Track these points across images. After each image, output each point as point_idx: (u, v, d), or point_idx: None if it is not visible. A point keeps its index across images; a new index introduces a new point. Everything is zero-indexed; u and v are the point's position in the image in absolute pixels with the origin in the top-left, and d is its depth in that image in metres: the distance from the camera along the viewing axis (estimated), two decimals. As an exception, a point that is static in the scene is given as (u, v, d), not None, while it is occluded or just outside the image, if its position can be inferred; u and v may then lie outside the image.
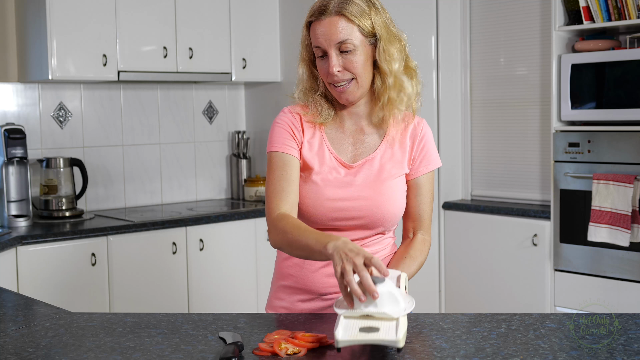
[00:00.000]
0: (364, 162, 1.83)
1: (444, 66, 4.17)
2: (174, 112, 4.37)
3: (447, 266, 4.21)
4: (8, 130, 3.51)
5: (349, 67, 1.75)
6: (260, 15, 4.30)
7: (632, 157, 3.40)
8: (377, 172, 1.82)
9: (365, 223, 1.81)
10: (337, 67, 1.74)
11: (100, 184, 4.10)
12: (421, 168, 1.87)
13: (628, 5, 3.39)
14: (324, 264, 1.82)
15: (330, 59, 1.74)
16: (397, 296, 1.42)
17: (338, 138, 1.86)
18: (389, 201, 1.81)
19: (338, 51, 1.74)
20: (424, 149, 1.87)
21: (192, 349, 1.46)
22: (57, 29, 3.57)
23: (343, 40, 1.73)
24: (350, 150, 1.85)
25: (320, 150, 1.84)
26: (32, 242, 3.29)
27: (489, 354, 1.40)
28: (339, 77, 1.75)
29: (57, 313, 1.77)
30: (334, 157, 1.83)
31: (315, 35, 1.75)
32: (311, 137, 1.85)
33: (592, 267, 3.56)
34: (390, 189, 1.81)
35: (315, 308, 1.84)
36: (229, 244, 3.90)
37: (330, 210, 1.79)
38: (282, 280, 1.90)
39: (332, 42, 1.73)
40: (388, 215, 1.81)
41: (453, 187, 4.27)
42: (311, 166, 1.82)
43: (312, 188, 1.81)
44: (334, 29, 1.73)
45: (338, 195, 1.80)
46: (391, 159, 1.84)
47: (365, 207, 1.79)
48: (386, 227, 1.84)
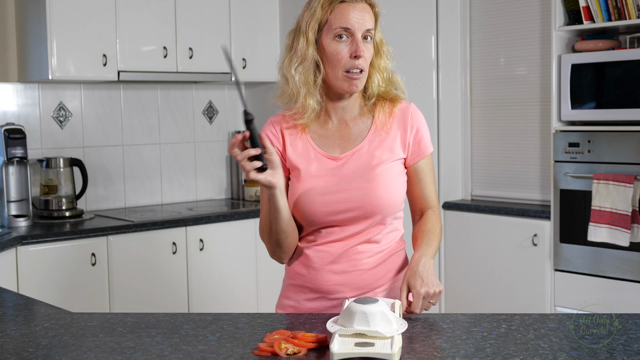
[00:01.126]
0: (352, 153, 1.83)
1: (444, 66, 4.17)
2: (174, 112, 4.37)
3: (447, 266, 4.20)
4: (8, 130, 3.51)
5: (366, 57, 1.78)
6: (260, 15, 4.30)
7: (632, 157, 3.40)
8: (367, 160, 1.81)
9: (362, 213, 1.79)
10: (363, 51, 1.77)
11: (100, 184, 4.10)
12: (419, 153, 1.87)
13: (628, 5, 3.39)
14: (329, 262, 1.82)
15: (358, 43, 1.75)
16: (390, 317, 1.45)
17: (323, 135, 1.85)
18: (382, 187, 1.79)
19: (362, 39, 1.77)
20: (418, 134, 1.87)
21: (192, 349, 1.46)
22: (57, 29, 3.57)
23: (369, 29, 1.78)
24: (337, 145, 1.85)
25: (305, 150, 1.84)
26: (32, 242, 3.29)
27: (489, 354, 1.40)
28: (361, 63, 1.77)
29: (57, 313, 1.77)
30: (319, 153, 1.83)
31: (347, 17, 1.76)
32: (294, 141, 1.85)
33: (592, 267, 3.56)
34: (381, 175, 1.80)
35: (322, 307, 1.84)
36: (229, 244, 3.90)
37: (323, 204, 1.78)
38: (290, 279, 1.91)
39: (362, 27, 1.76)
40: (383, 201, 1.79)
41: (453, 187, 4.27)
42: (297, 166, 1.82)
43: (302, 186, 1.80)
44: (367, 16, 1.77)
45: (329, 188, 1.79)
46: (380, 146, 1.83)
47: (358, 197, 1.78)
48: (383, 214, 1.81)
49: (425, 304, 1.66)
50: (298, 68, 1.80)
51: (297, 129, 1.85)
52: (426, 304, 1.67)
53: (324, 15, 1.77)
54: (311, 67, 1.80)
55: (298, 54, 1.80)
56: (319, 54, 1.79)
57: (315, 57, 1.79)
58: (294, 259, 1.89)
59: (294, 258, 1.89)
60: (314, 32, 1.79)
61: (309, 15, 1.79)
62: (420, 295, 1.65)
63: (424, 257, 1.73)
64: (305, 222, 1.82)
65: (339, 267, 1.81)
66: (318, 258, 1.82)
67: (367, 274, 1.82)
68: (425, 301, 1.66)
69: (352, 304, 1.47)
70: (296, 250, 1.88)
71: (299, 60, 1.80)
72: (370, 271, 1.83)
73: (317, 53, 1.79)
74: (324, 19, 1.77)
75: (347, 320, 1.45)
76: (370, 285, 1.83)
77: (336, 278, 1.82)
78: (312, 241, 1.84)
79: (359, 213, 1.79)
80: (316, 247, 1.83)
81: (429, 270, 1.70)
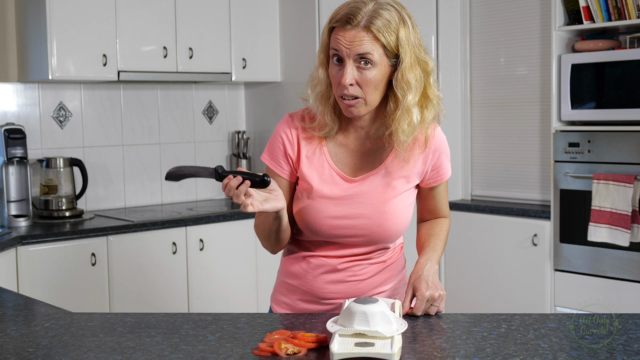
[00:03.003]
0: (367, 176, 1.77)
1: (444, 66, 4.17)
2: (174, 112, 4.37)
3: (447, 266, 4.21)
4: (8, 130, 3.51)
5: (361, 83, 1.65)
6: (260, 15, 4.30)
7: (632, 157, 3.40)
8: (382, 188, 1.76)
9: (367, 240, 1.78)
10: (350, 80, 1.64)
11: (100, 184, 4.10)
12: (437, 179, 1.83)
13: (628, 5, 3.39)
14: (326, 270, 1.81)
15: (345, 69, 1.65)
16: (390, 317, 1.45)
17: (340, 152, 1.79)
18: (391, 220, 1.76)
19: (356, 63, 1.65)
20: (438, 160, 1.81)
21: (192, 349, 1.46)
22: (57, 29, 3.57)
23: (363, 53, 1.63)
24: (353, 164, 1.79)
25: (320, 165, 1.78)
26: (32, 242, 3.29)
27: (489, 354, 1.40)
28: (349, 91, 1.66)
29: (57, 313, 1.77)
30: (335, 171, 1.77)
31: (336, 41, 1.66)
32: (310, 152, 1.79)
33: (592, 267, 3.56)
34: (393, 207, 1.76)
35: (315, 310, 1.84)
36: (229, 244, 3.90)
37: (330, 227, 1.76)
38: (286, 277, 1.89)
39: (352, 53, 1.64)
40: (390, 233, 1.78)
41: (453, 187, 4.27)
42: (310, 182, 1.78)
43: (312, 205, 1.76)
44: (357, 42, 1.63)
45: (338, 212, 1.76)
46: (398, 174, 1.77)
47: (367, 225, 1.76)
48: (387, 243, 1.81)
49: (427, 306, 1.67)
50: (314, 86, 1.77)
51: (315, 139, 1.79)
52: (429, 306, 1.67)
53: (326, 37, 1.73)
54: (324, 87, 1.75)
55: (315, 72, 1.78)
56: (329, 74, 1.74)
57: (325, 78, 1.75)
58: (291, 257, 1.88)
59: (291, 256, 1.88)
60: (324, 53, 1.74)
61: (322, 35, 1.75)
62: (424, 298, 1.65)
63: (429, 262, 1.74)
64: (308, 232, 1.81)
65: (336, 276, 1.81)
66: (317, 266, 1.82)
67: (363, 283, 1.82)
68: (428, 304, 1.66)
69: (352, 304, 1.47)
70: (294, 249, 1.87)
71: (315, 79, 1.77)
72: (367, 280, 1.83)
73: (326, 74, 1.75)
74: (326, 42, 1.73)
75: (347, 320, 1.45)
76: (365, 293, 1.83)
77: (332, 287, 1.81)
78: (312, 249, 1.83)
79: (364, 240, 1.79)
80: (318, 258, 1.82)
81: (434, 275, 1.71)
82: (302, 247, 1.85)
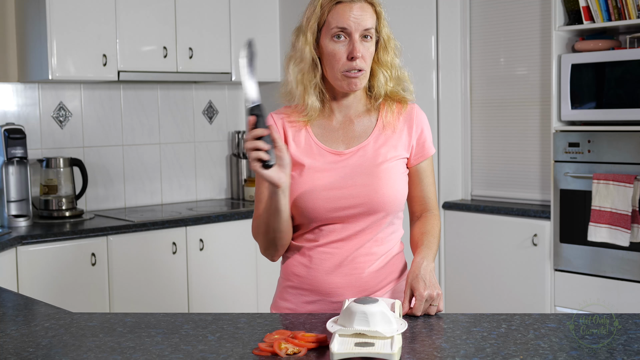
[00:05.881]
0: (356, 149, 1.82)
1: (444, 66, 4.17)
2: (174, 112, 4.37)
3: (447, 266, 4.21)
4: (8, 130, 3.51)
5: (365, 56, 1.76)
6: (260, 15, 4.30)
7: (632, 157, 3.40)
8: (372, 157, 1.81)
9: (365, 210, 1.78)
10: (362, 52, 1.75)
11: (100, 184, 4.10)
12: (422, 154, 1.87)
13: (628, 5, 3.40)
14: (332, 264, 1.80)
15: (355, 44, 1.74)
16: (390, 317, 1.45)
17: (326, 132, 1.84)
18: (387, 184, 1.79)
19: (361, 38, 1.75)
20: (422, 135, 1.87)
21: (192, 349, 1.46)
22: (57, 29, 3.57)
23: (369, 28, 1.75)
24: (341, 141, 1.83)
25: (307, 145, 1.82)
26: (32, 242, 3.29)
27: (489, 354, 1.40)
28: (358, 64, 1.75)
29: (57, 313, 1.77)
30: (323, 148, 1.82)
31: (343, 17, 1.74)
32: (296, 136, 1.83)
33: (592, 267, 3.56)
34: (386, 171, 1.80)
35: (321, 310, 1.82)
36: (229, 244, 3.90)
37: (326, 200, 1.77)
38: (288, 280, 1.88)
39: (360, 27, 1.74)
40: (387, 198, 1.79)
41: (453, 187, 4.27)
42: (301, 162, 1.81)
43: (306, 182, 1.79)
44: (366, 15, 1.75)
45: (333, 184, 1.78)
46: (386, 144, 1.83)
47: (363, 193, 1.78)
48: (387, 211, 1.80)
49: (427, 306, 1.67)
50: (295, 67, 1.82)
51: (300, 124, 1.84)
52: (427, 306, 1.67)
53: (322, 15, 1.77)
54: (309, 67, 1.80)
55: (297, 52, 1.82)
56: (318, 53, 1.80)
57: (314, 56, 1.80)
58: (291, 258, 1.87)
59: (291, 257, 1.87)
60: (313, 32, 1.79)
61: (309, 14, 1.80)
62: (423, 298, 1.65)
63: (425, 260, 1.74)
64: (307, 219, 1.80)
65: (341, 269, 1.80)
66: (320, 260, 1.81)
67: (369, 276, 1.81)
68: (427, 304, 1.66)
69: (352, 304, 1.47)
70: (294, 250, 1.86)
71: (298, 59, 1.82)
72: (372, 274, 1.82)
73: (315, 52, 1.80)
74: (322, 19, 1.77)
75: (347, 320, 1.45)
76: (372, 287, 1.82)
77: (337, 280, 1.80)
78: (313, 240, 1.82)
79: (362, 210, 1.78)
80: (319, 248, 1.81)
81: (431, 273, 1.71)
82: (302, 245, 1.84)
